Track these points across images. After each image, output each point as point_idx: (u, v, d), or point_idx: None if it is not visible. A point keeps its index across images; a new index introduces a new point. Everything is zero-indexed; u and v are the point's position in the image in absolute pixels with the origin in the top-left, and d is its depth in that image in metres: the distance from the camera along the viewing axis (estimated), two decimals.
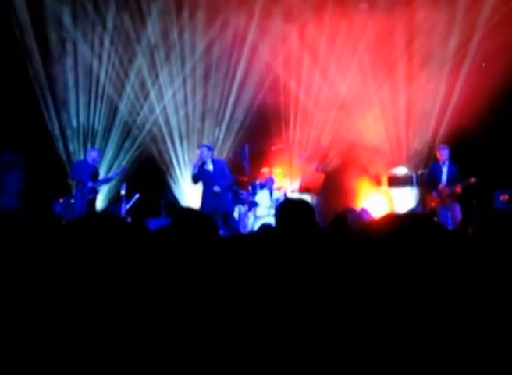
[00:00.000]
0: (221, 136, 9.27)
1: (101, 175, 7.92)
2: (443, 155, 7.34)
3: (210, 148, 7.32)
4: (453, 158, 7.35)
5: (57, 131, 8.94)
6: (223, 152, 9.23)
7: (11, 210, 6.70)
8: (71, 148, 9.03)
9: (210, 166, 7.12)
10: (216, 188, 6.97)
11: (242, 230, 7.35)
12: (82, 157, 8.45)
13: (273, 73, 9.11)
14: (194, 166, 7.12)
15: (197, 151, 7.24)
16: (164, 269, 1.90)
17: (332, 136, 9.13)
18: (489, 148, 7.80)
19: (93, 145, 8.88)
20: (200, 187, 7.34)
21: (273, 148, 8.91)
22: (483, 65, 8.25)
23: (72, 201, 7.54)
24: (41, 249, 1.54)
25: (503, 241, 1.70)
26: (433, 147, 8.38)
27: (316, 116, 9.18)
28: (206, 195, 7.09)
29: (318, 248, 2.15)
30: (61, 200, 7.80)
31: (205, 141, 9.07)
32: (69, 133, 9.00)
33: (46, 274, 1.35)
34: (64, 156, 8.95)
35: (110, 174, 7.96)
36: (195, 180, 7.16)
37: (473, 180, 6.96)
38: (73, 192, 7.70)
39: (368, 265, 1.40)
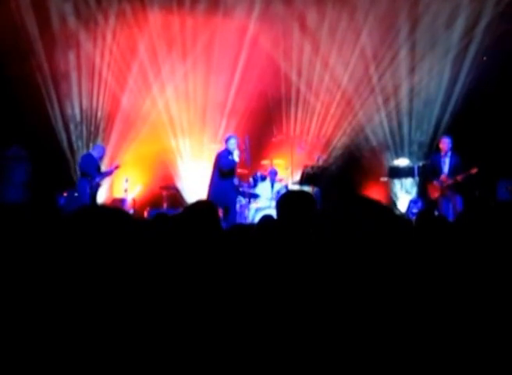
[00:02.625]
0: (222, 127, 9.25)
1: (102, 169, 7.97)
2: (446, 145, 7.30)
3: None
4: (455, 149, 7.32)
5: (60, 125, 8.95)
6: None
7: (16, 203, 6.75)
8: (74, 141, 9.04)
9: (236, 157, 7.10)
10: (236, 181, 7.10)
11: (242, 222, 7.37)
12: (86, 151, 8.48)
13: (274, 63, 9.07)
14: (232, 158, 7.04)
15: (232, 142, 7.09)
16: (166, 261, 1.90)
17: (333, 126, 9.12)
18: (492, 138, 7.77)
19: (95, 138, 8.90)
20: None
21: (274, 140, 8.90)
22: (484, 58, 8.20)
23: (76, 194, 7.58)
24: (41, 241, 1.55)
25: (506, 232, 1.69)
26: (435, 137, 8.36)
27: (318, 106, 9.16)
28: (228, 186, 7.04)
29: (318, 239, 2.15)
30: (65, 193, 7.83)
31: (207, 133, 9.11)
32: (72, 126, 9.02)
33: (45, 266, 1.35)
34: (67, 150, 8.96)
35: (107, 169, 7.94)
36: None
37: (474, 170, 6.94)
38: (77, 185, 7.72)
39: (367, 257, 1.40)
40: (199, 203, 2.41)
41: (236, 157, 7.02)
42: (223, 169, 7.00)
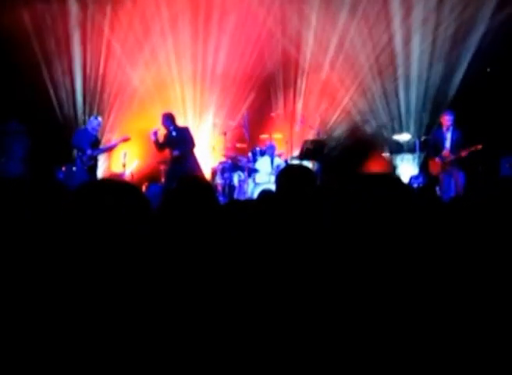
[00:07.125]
0: (222, 101, 9.17)
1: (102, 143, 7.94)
2: (447, 120, 7.26)
3: (169, 116, 7.40)
4: (458, 124, 7.25)
5: (60, 100, 8.91)
6: (221, 119, 9.13)
7: (17, 177, 6.80)
8: (73, 115, 9.00)
9: (173, 133, 7.29)
10: (175, 152, 7.18)
11: (242, 197, 7.39)
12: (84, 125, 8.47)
13: (274, 36, 8.97)
14: (154, 133, 7.26)
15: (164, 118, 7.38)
16: (166, 235, 1.88)
17: (333, 101, 9.04)
18: (496, 113, 7.68)
19: (92, 112, 8.85)
20: None
21: (273, 114, 8.85)
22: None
23: (74, 168, 7.61)
24: (45, 216, 1.53)
25: (508, 209, 1.65)
26: (437, 112, 8.27)
27: (317, 80, 9.06)
28: (170, 161, 7.39)
29: (318, 214, 2.12)
30: (63, 168, 7.87)
31: (206, 107, 9.00)
32: (72, 101, 8.96)
33: (48, 242, 1.33)
34: (67, 124, 8.93)
35: (111, 143, 7.94)
36: (162, 147, 7.38)
37: (479, 147, 6.91)
38: (75, 160, 7.76)
39: (368, 233, 1.36)
40: (193, 178, 2.38)
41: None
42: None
